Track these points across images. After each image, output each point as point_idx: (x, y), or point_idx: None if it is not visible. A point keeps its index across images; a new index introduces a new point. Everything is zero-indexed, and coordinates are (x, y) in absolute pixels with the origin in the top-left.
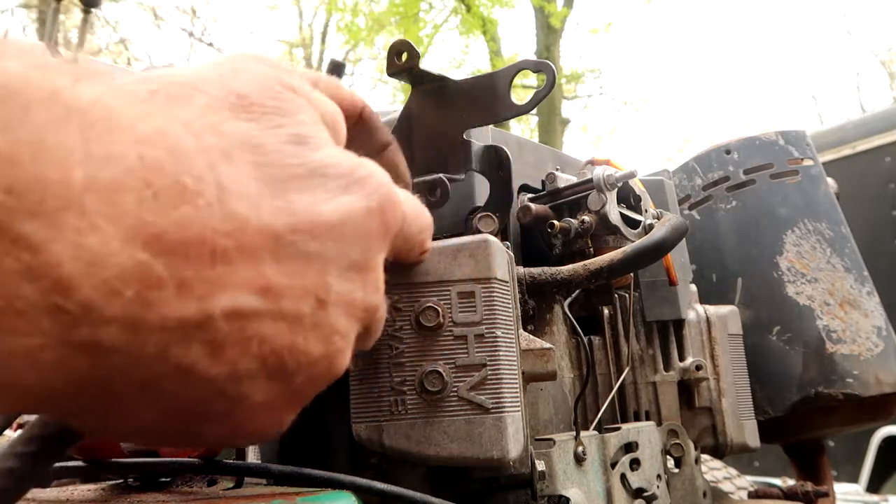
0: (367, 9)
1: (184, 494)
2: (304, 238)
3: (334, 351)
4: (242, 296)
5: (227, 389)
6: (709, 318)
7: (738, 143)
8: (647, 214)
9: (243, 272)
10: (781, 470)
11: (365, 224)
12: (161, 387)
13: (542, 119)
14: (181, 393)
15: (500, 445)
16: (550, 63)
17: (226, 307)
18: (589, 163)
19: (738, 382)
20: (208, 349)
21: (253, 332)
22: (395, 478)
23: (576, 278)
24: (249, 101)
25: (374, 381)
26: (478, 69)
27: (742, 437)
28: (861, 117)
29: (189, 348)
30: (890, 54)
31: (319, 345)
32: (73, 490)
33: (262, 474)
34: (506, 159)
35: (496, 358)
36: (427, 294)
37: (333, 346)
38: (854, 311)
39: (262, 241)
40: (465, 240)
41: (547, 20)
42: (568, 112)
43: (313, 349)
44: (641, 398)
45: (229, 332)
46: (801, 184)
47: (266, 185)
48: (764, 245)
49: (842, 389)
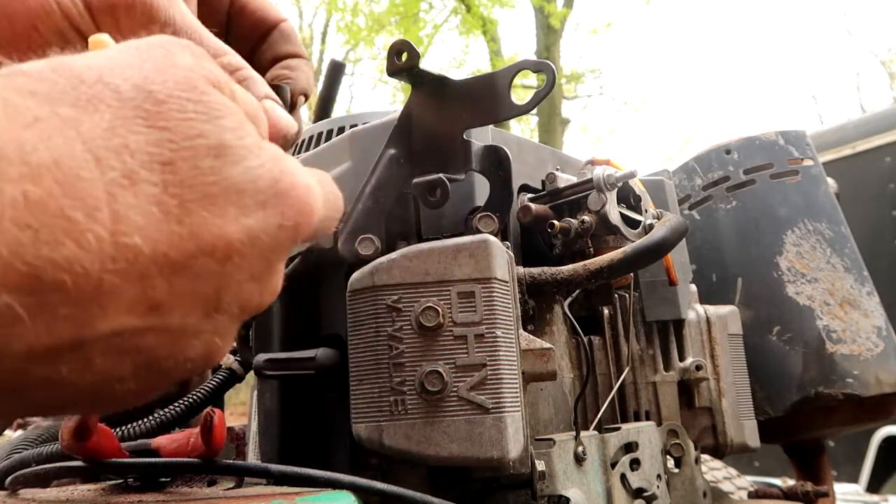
0: (367, 9)
1: (184, 494)
2: (202, 261)
3: (214, 350)
4: (125, 318)
5: (96, 392)
6: (709, 318)
7: (738, 143)
8: (647, 214)
9: (129, 296)
10: (781, 470)
11: (276, 239)
12: (26, 393)
13: (542, 119)
14: (48, 396)
15: (500, 445)
16: (550, 63)
17: (104, 331)
18: (589, 163)
19: (738, 382)
20: (80, 365)
21: (131, 346)
22: (395, 478)
23: (576, 278)
24: (167, 106)
25: (375, 381)
26: (478, 69)
27: (742, 437)
28: (861, 117)
29: (58, 367)
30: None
31: (200, 347)
32: (73, 490)
33: (262, 474)
34: (506, 159)
35: (496, 358)
36: (427, 294)
37: (214, 346)
38: (854, 311)
39: (155, 268)
40: (465, 240)
41: (547, 20)
42: (568, 112)
43: (192, 352)
44: (641, 398)
45: (106, 349)
46: (801, 184)
47: (171, 208)
48: (764, 245)
49: (842, 389)
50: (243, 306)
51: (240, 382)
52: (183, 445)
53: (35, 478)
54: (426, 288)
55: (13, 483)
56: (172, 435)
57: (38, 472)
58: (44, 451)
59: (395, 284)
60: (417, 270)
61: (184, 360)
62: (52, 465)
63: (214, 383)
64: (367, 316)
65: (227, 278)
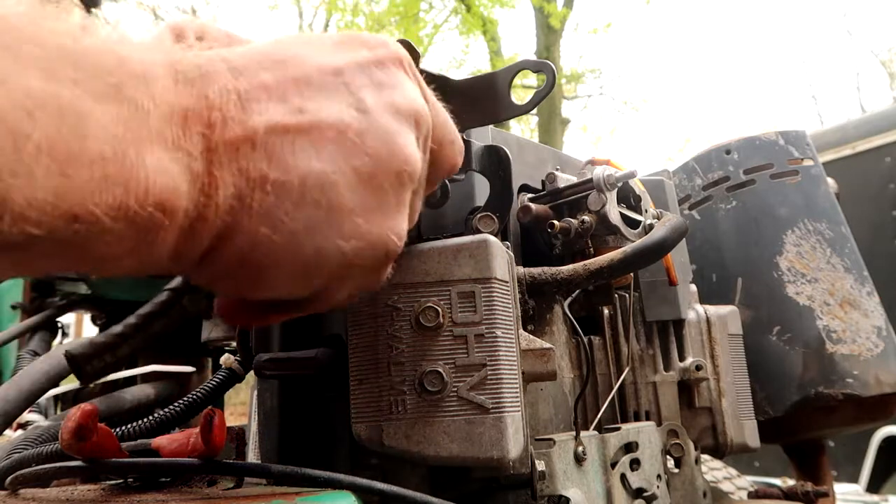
0: (367, 9)
1: (184, 494)
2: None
3: (366, 232)
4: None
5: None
6: (709, 318)
7: (738, 143)
8: (647, 214)
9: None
10: (781, 470)
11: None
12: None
13: (542, 119)
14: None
15: (500, 445)
16: (550, 63)
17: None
18: (589, 163)
19: (738, 382)
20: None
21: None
22: (395, 478)
23: (576, 278)
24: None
25: (375, 381)
26: (478, 69)
27: (742, 437)
28: (861, 117)
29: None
30: (890, 54)
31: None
32: (73, 490)
33: (262, 474)
34: (506, 159)
35: (496, 358)
36: (427, 294)
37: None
38: (854, 311)
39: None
40: (465, 240)
41: (547, 20)
42: (568, 112)
43: (348, 228)
44: (641, 398)
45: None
46: (801, 184)
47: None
48: (764, 245)
49: (842, 389)
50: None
51: (240, 382)
52: (183, 445)
53: (35, 478)
54: (426, 288)
55: (13, 483)
56: (172, 435)
57: (38, 472)
58: (44, 451)
59: (395, 284)
60: (417, 270)
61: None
62: (52, 465)
63: (214, 383)
64: (366, 316)
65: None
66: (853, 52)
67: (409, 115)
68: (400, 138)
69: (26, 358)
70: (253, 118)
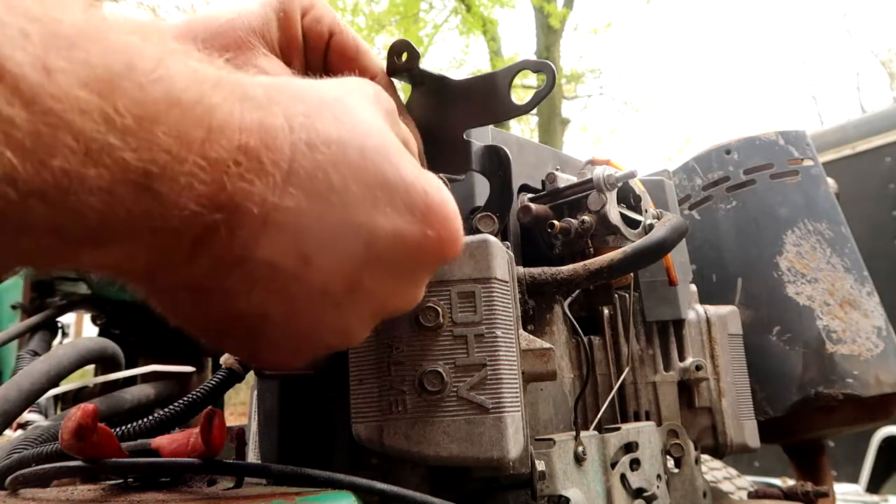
0: (367, 9)
1: (184, 494)
2: (350, 234)
3: (344, 330)
4: (279, 257)
5: (234, 314)
6: (709, 318)
7: (738, 143)
8: (647, 214)
9: (287, 240)
10: (781, 470)
11: (419, 246)
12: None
13: (542, 119)
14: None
15: (500, 445)
16: (550, 63)
17: (261, 257)
18: (589, 163)
19: (738, 382)
20: (239, 285)
21: (278, 285)
22: (395, 478)
23: (576, 278)
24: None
25: (374, 381)
26: (478, 69)
27: (742, 437)
28: (861, 117)
29: (225, 279)
30: (890, 54)
31: (333, 321)
32: (73, 490)
33: (262, 474)
34: (506, 159)
35: (496, 358)
36: (427, 294)
37: (345, 326)
38: (854, 311)
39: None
40: (465, 239)
41: (547, 20)
42: (568, 112)
43: (328, 320)
44: (641, 398)
45: (254, 275)
46: (801, 184)
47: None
48: (764, 245)
49: (842, 389)
50: (381, 302)
51: (240, 382)
52: (183, 445)
53: (35, 478)
54: (426, 288)
55: (13, 483)
56: (172, 435)
57: (38, 472)
58: (44, 450)
59: None
60: None
61: (316, 325)
62: (52, 465)
63: (214, 383)
64: None
65: (368, 263)
66: (853, 52)
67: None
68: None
69: (26, 358)
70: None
